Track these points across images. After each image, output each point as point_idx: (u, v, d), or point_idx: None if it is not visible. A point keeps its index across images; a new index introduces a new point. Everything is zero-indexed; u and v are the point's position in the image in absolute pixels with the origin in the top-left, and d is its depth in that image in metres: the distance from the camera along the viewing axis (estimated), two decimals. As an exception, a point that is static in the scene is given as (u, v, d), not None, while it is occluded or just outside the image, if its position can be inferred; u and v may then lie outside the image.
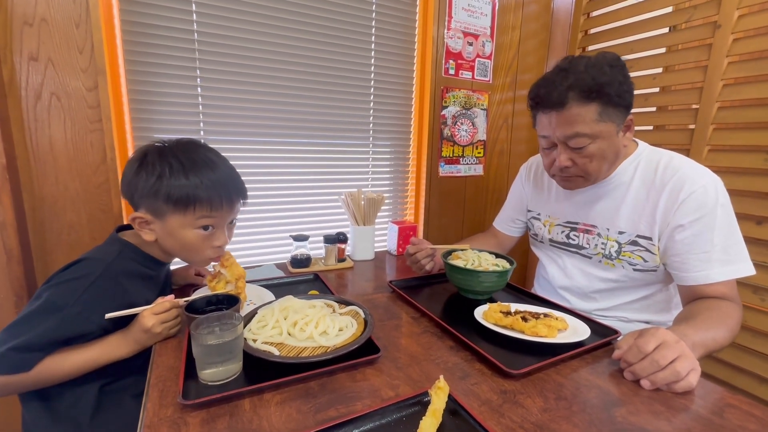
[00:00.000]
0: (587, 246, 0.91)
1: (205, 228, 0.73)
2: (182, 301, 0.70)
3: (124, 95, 1.03)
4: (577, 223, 0.94)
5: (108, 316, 0.64)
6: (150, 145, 0.72)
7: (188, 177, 0.69)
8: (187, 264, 0.96)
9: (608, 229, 0.87)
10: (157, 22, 1.03)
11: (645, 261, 0.82)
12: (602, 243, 0.88)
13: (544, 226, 1.02)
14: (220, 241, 0.76)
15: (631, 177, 0.84)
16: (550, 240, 1.00)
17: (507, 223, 1.15)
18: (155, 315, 0.67)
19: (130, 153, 1.06)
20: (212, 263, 0.80)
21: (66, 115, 0.95)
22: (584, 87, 0.73)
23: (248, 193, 0.81)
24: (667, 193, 0.78)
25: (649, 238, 0.81)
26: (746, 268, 0.74)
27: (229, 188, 0.74)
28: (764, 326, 1.10)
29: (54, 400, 0.67)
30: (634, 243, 0.83)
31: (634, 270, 0.84)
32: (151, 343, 0.68)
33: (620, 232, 0.85)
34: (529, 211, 1.09)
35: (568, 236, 0.96)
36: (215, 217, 0.73)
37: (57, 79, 0.93)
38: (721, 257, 0.74)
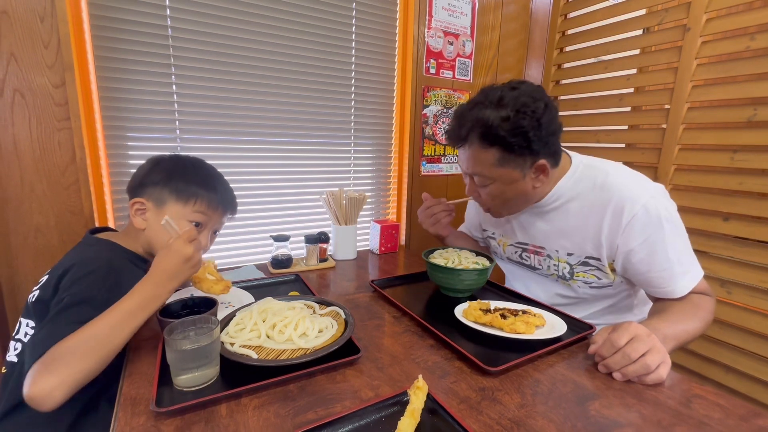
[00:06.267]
0: (540, 267, 0.92)
1: (197, 224, 0.79)
2: None
3: (94, 92, 0.99)
4: (526, 244, 0.94)
5: (165, 220, 0.67)
6: (164, 154, 0.83)
7: (197, 175, 0.81)
8: None
9: (557, 251, 0.87)
10: (128, 16, 1.00)
11: (599, 279, 0.83)
12: (554, 264, 0.88)
13: (499, 246, 1.02)
14: (202, 242, 0.79)
15: (568, 198, 0.82)
16: (508, 258, 1.01)
17: (471, 232, 1.17)
18: (191, 242, 0.66)
19: (102, 152, 1.03)
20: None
21: (31, 113, 0.91)
22: (483, 132, 0.73)
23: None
24: (609, 217, 0.76)
25: (598, 259, 0.80)
26: (699, 272, 0.76)
27: (226, 196, 0.86)
28: (731, 318, 1.15)
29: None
30: (584, 264, 0.83)
31: (591, 288, 0.85)
32: (189, 276, 0.66)
33: (569, 254, 0.85)
34: (484, 230, 1.08)
35: (521, 256, 0.96)
36: (209, 215, 0.81)
37: (20, 75, 0.88)
38: (680, 269, 0.74)
